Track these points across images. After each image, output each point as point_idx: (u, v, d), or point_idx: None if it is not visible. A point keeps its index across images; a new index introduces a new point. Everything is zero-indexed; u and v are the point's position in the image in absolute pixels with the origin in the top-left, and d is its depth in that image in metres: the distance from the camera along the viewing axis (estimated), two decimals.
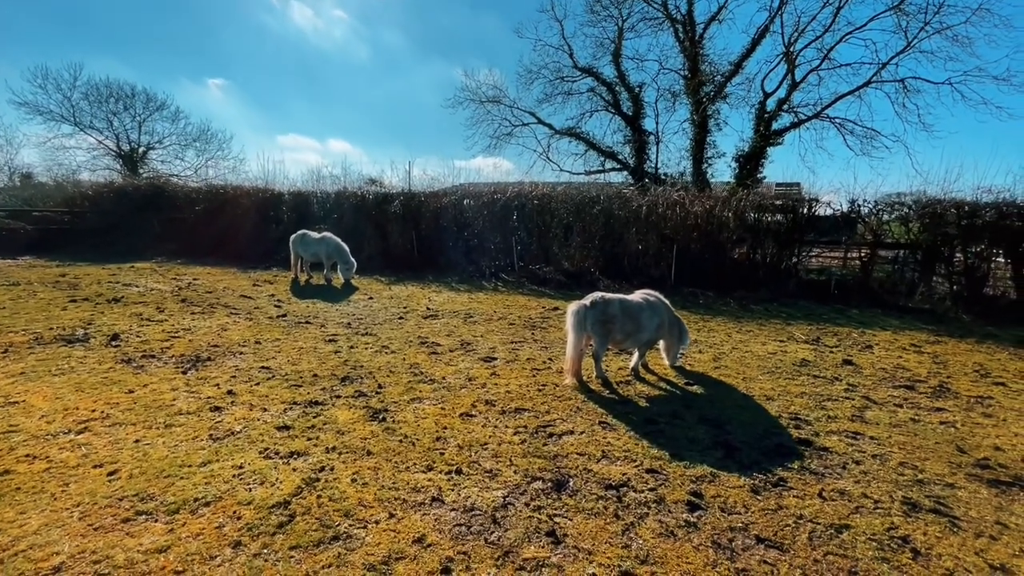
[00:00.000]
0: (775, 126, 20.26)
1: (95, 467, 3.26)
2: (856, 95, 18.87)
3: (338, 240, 11.30)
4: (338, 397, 4.79)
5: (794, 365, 6.30)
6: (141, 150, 30.89)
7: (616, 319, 5.27)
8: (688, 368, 6.08)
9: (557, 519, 2.99)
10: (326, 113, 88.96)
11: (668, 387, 5.45)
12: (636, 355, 5.74)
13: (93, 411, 4.09)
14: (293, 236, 11.52)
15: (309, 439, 3.80)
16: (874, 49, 18.32)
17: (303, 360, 5.88)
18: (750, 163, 20.60)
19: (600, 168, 23.32)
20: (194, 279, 11.03)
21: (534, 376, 5.63)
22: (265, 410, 4.34)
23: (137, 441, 3.62)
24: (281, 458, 3.47)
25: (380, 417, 4.34)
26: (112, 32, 57.34)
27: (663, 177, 21.80)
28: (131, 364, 5.48)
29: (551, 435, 4.16)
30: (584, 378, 5.44)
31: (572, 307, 5.30)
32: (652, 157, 22.50)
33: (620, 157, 22.97)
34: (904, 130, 24.18)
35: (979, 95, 17.50)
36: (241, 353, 6.07)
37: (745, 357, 6.59)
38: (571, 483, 3.41)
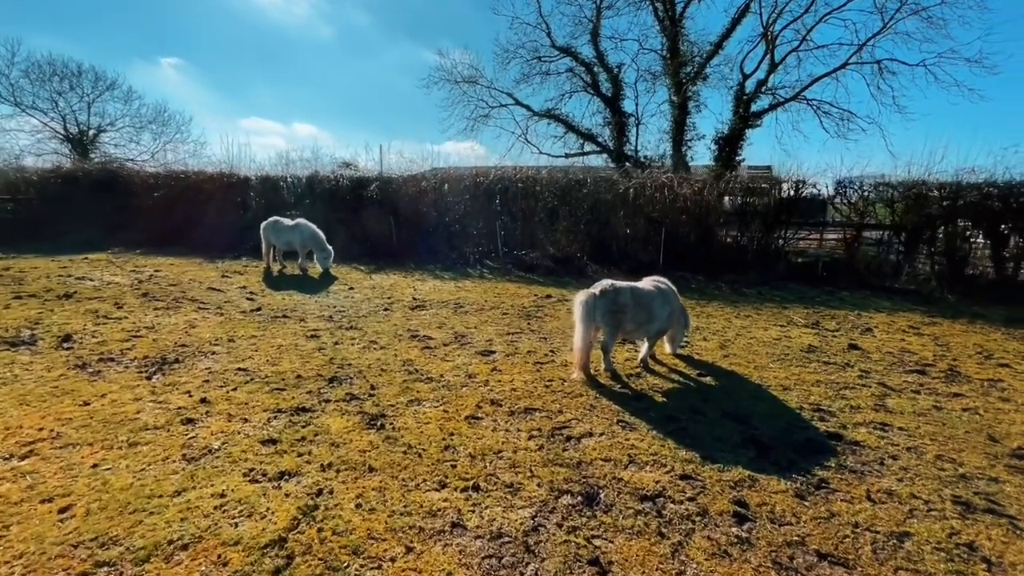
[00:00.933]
0: (754, 108, 20.19)
1: (43, 502, 2.73)
2: (833, 77, 18.95)
3: (313, 227, 10.61)
4: (327, 402, 4.32)
5: (801, 351, 6.12)
6: (91, 133, 28.84)
7: (627, 308, 4.92)
8: (696, 357, 5.81)
9: (597, 542, 2.63)
10: (290, 95, 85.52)
11: (680, 379, 5.16)
12: (646, 346, 5.43)
13: (41, 430, 3.51)
14: (264, 223, 10.76)
15: (300, 455, 3.33)
16: (853, 30, 18.35)
17: (284, 359, 5.35)
18: (729, 145, 20.52)
19: (580, 151, 22.90)
20: (156, 271, 10.20)
21: (538, 371, 5.25)
22: (246, 421, 3.83)
23: (95, 466, 3.08)
24: (270, 480, 3.00)
25: (378, 424, 3.89)
26: (52, 5, 53.21)
27: (643, 160, 21.57)
28: (86, 370, 4.85)
29: (569, 438, 3.80)
30: (592, 371, 5.10)
31: (580, 296, 4.92)
32: (632, 139, 22.21)
33: (600, 139, 22.60)
34: (879, 112, 24.48)
35: (952, 77, 17.79)
36: (213, 353, 5.48)
37: (751, 344, 6.37)
38: (602, 496, 3.06)
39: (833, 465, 3.56)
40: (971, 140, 32.20)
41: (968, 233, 10.71)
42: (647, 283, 5.38)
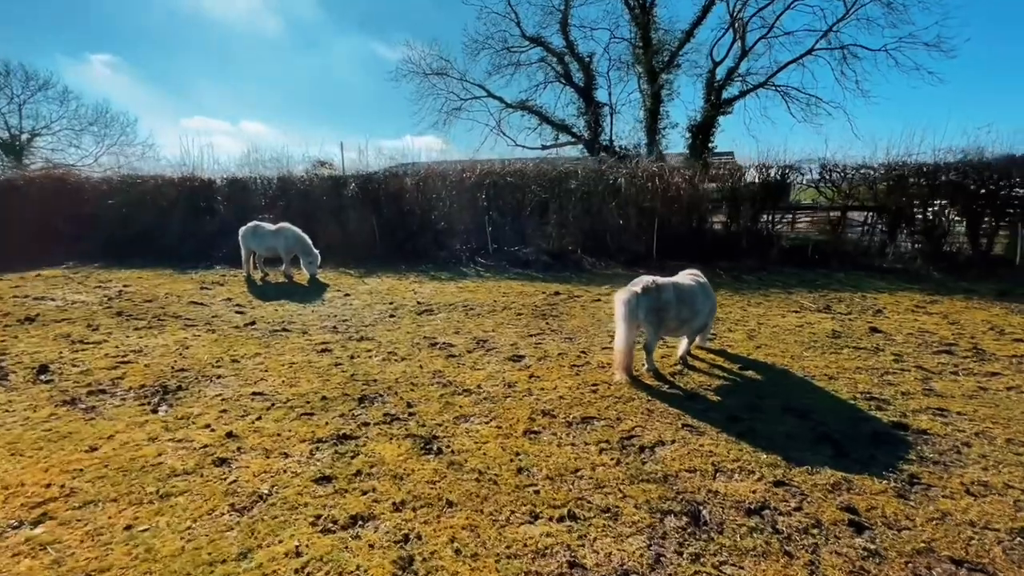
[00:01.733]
0: (725, 95, 20.47)
1: None
2: (800, 63, 19.41)
3: (297, 230, 9.97)
4: (366, 425, 3.93)
5: (828, 337, 6.10)
6: (24, 136, 26.58)
7: (671, 306, 4.72)
8: (730, 350, 5.69)
9: (727, 569, 2.40)
10: (237, 93, 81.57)
11: (723, 374, 5.02)
12: (684, 342, 5.25)
13: (48, 486, 3.00)
14: (243, 229, 10.04)
15: (364, 493, 2.96)
16: (821, 16, 18.76)
17: (301, 379, 4.90)
18: (702, 133, 20.78)
19: (554, 142, 22.71)
20: (124, 286, 9.35)
21: (577, 374, 5.00)
22: (287, 455, 3.41)
23: (129, 528, 2.62)
24: (344, 528, 2.63)
25: (433, 448, 3.55)
26: None
27: (619, 149, 21.57)
28: (77, 406, 4.27)
29: (642, 449, 3.56)
30: (634, 372, 4.88)
31: (622, 295, 4.68)
32: (607, 129, 22.17)
33: (574, 130, 22.47)
34: (844, 97, 25.08)
35: (912, 61, 18.48)
36: (219, 377, 4.97)
37: (776, 332, 6.32)
38: (705, 513, 2.84)
39: (914, 458, 3.46)
40: (946, 121, 33.62)
41: (947, 212, 11.12)
42: (686, 278, 5.20)
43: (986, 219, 11.08)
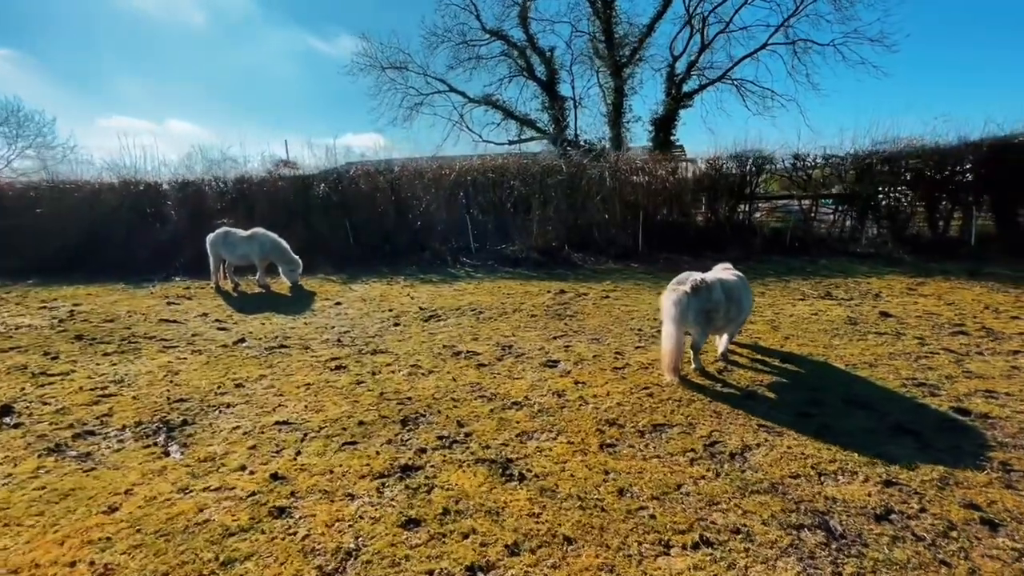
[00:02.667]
0: (685, 88, 20.91)
1: None
2: (755, 57, 20.09)
3: (272, 236, 9.20)
4: (423, 451, 3.52)
5: (846, 324, 6.19)
6: None
7: (721, 305, 4.57)
8: (761, 344, 5.64)
9: None
10: (159, 90, 75.90)
11: (766, 368, 4.94)
12: (725, 338, 5.14)
13: (73, 564, 2.42)
14: (212, 237, 9.14)
15: (466, 536, 2.58)
16: (779, 11, 19.44)
17: (326, 402, 4.39)
18: (665, 127, 21.13)
19: (519, 137, 22.45)
20: (75, 305, 8.28)
21: (623, 378, 4.78)
22: (352, 497, 2.96)
23: None
24: None
25: (514, 474, 3.21)
26: None
27: (584, 144, 21.58)
28: (66, 453, 3.60)
29: (732, 456, 3.37)
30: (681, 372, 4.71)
31: (671, 296, 4.48)
32: (571, 124, 22.14)
33: (539, 125, 22.29)
34: (796, 90, 26.09)
35: (858, 55, 19.52)
36: (228, 406, 4.38)
37: (796, 322, 6.36)
38: (834, 524, 2.67)
39: (993, 443, 3.46)
40: (905, 112, 35.90)
41: (909, 197, 11.76)
42: (726, 273, 5.06)
43: (942, 204, 11.83)
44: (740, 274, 5.14)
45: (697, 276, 4.63)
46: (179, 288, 9.61)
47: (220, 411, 4.29)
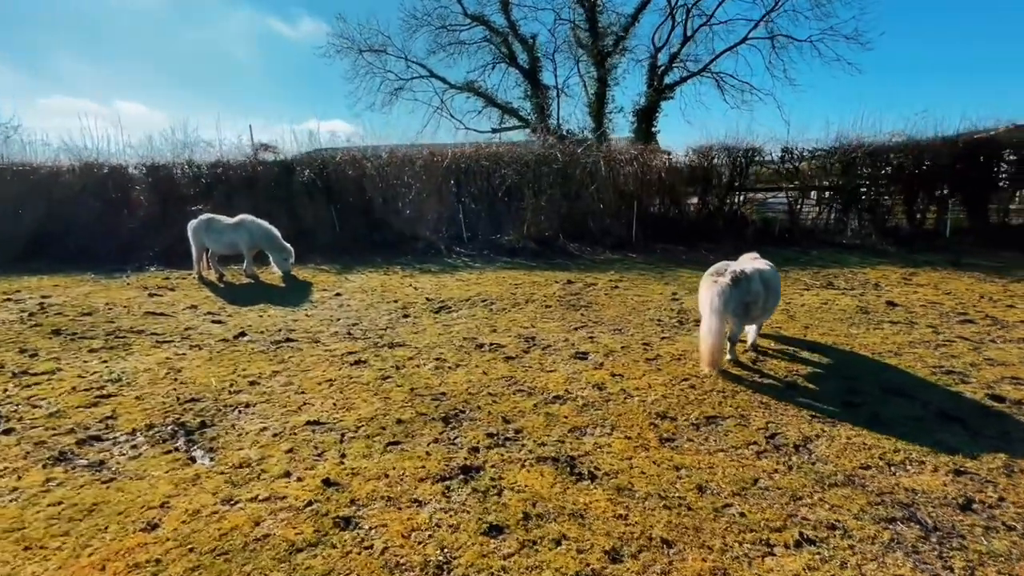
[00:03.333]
0: (667, 80, 21.01)
1: None
2: (735, 51, 20.35)
3: (262, 223, 8.70)
4: (476, 451, 3.33)
5: (858, 313, 6.30)
6: None
7: (760, 296, 4.52)
8: (783, 332, 5.66)
9: None
10: (106, 70, 71.30)
11: (797, 359, 4.94)
12: (755, 329, 5.11)
13: None
14: (194, 224, 8.54)
15: (557, 543, 2.41)
16: (761, 4, 19.65)
17: (355, 399, 4.12)
18: (647, 118, 21.21)
19: (506, 126, 22.11)
20: (43, 297, 7.59)
21: (658, 369, 4.68)
22: (419, 503, 2.74)
23: None
24: None
25: (583, 472, 3.05)
26: None
27: (566, 133, 21.44)
28: (74, 462, 3.23)
29: (796, 448, 3.32)
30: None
31: (713, 287, 4.39)
32: (554, 112, 21.94)
33: (521, 113, 22.00)
34: (773, 84, 26.45)
35: (834, 52, 20.02)
36: (247, 406, 4.05)
37: (811, 312, 6.42)
38: (923, 516, 2.64)
39: None
40: (887, 108, 36.89)
41: (891, 191, 12.15)
42: (758, 263, 5.01)
43: (919, 197, 12.29)
44: (771, 264, 5.11)
45: (736, 267, 4.56)
46: (158, 279, 8.98)
47: (239, 411, 3.96)
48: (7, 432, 3.65)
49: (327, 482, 2.91)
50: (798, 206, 12.71)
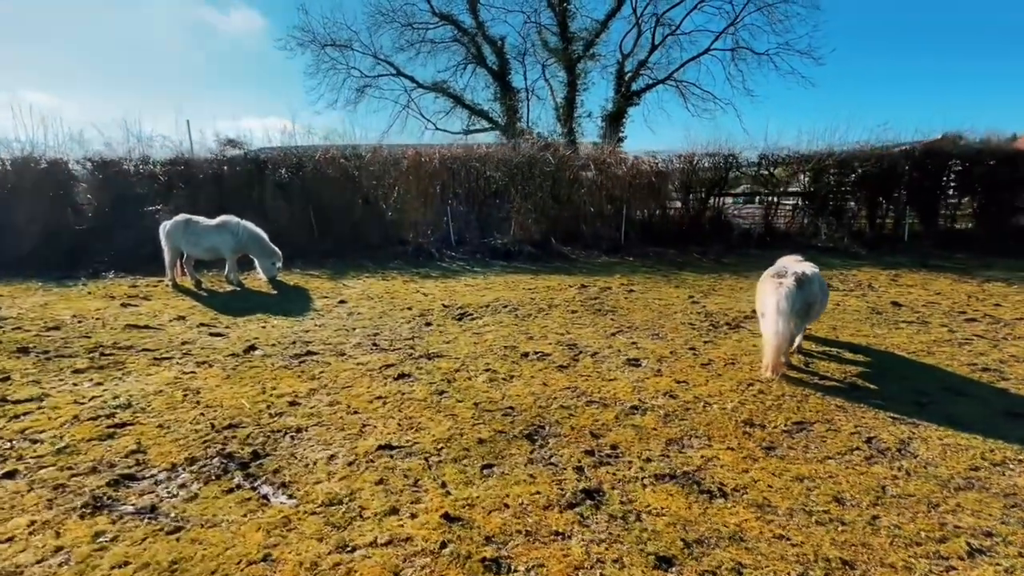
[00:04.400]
0: (634, 87, 21.47)
1: None
2: (698, 61, 21.10)
3: (249, 225, 7.96)
4: (581, 471, 3.08)
5: (873, 314, 6.54)
6: None
7: (818, 297, 4.55)
8: (813, 334, 5.77)
9: None
10: (12, 57, 64.33)
11: (843, 360, 5.03)
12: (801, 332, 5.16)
13: None
14: (169, 226, 7.69)
15: (736, 572, 2.22)
16: (728, 16, 20.42)
17: (421, 419, 3.76)
18: (614, 123, 21.57)
19: (469, 127, 21.79)
20: None
21: (718, 375, 4.61)
22: (560, 535, 2.46)
23: None
24: None
25: (711, 490, 2.87)
26: None
27: (536, 137, 21.43)
28: (116, 509, 2.69)
29: (899, 451, 3.31)
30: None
31: (780, 290, 4.36)
32: (524, 115, 21.87)
33: (491, 115, 21.77)
34: (732, 94, 27.44)
35: (789, 65, 21.14)
36: (299, 430, 3.59)
37: (829, 312, 6.56)
38: None
39: None
40: (857, 119, 39.38)
41: (857, 197, 12.93)
42: (804, 265, 5.05)
43: (880, 203, 13.16)
44: (816, 266, 5.18)
45: (798, 268, 4.56)
46: (123, 286, 8.03)
47: (292, 437, 3.50)
48: (10, 475, 3.02)
49: (448, 517, 2.57)
50: (773, 210, 13.28)
